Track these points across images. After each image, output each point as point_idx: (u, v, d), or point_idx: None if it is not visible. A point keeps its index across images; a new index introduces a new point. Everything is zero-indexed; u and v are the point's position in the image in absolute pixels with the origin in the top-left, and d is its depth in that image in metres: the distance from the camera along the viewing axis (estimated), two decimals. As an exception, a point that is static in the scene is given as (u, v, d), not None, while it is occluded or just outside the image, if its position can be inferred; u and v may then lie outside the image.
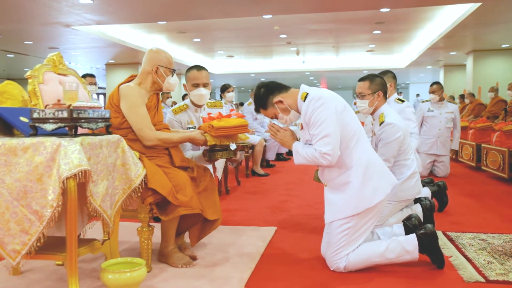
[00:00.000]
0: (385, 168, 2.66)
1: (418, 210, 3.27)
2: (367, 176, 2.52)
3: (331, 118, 2.46)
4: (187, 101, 3.54)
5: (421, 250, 2.58)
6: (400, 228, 2.78)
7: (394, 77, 4.37)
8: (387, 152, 3.14)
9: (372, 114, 3.32)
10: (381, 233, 2.77)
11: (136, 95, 2.71)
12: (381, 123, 3.16)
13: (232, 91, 6.69)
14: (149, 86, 2.82)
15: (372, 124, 3.41)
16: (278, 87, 2.68)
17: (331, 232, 2.59)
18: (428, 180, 4.28)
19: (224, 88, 6.68)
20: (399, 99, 4.31)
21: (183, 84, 3.54)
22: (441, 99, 6.11)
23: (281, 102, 2.64)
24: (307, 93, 2.57)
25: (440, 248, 2.60)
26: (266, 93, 2.68)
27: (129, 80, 2.87)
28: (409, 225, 2.77)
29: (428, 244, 2.57)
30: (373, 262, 2.57)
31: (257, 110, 2.77)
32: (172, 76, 2.85)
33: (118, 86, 2.77)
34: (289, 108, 2.64)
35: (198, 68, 3.41)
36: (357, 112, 3.76)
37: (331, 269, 2.59)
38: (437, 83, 6.21)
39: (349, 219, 2.53)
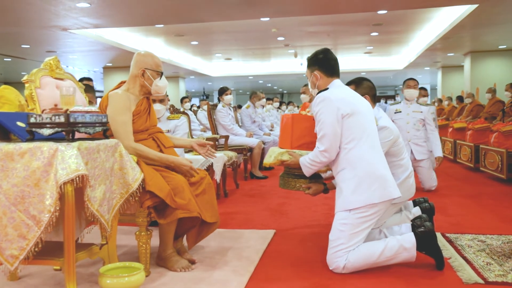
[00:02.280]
0: (381, 180, 2.62)
1: (417, 213, 3.26)
2: (355, 180, 2.61)
3: (329, 119, 2.63)
4: None
5: (420, 248, 2.60)
6: (408, 228, 2.79)
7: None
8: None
9: None
10: (389, 232, 2.80)
11: (119, 103, 2.67)
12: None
13: (230, 94, 6.69)
14: (137, 90, 2.80)
15: None
16: (327, 68, 2.83)
17: (331, 230, 2.67)
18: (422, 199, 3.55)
19: (222, 91, 6.65)
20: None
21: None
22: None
23: (316, 78, 2.84)
24: (326, 89, 2.76)
25: (439, 247, 2.61)
26: (317, 61, 2.85)
27: (119, 86, 2.87)
28: (416, 225, 2.77)
29: (426, 242, 2.59)
30: (373, 261, 2.58)
31: (307, 59, 2.93)
32: (160, 79, 2.81)
33: (108, 93, 2.77)
34: (316, 87, 2.86)
35: None
36: None
37: (331, 268, 2.61)
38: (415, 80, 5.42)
39: (345, 216, 2.61)
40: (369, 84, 3.32)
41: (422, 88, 6.54)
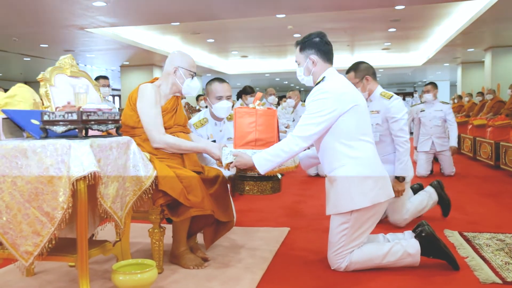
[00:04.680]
0: (384, 178, 2.58)
1: (431, 191, 3.64)
2: (359, 178, 2.49)
3: (325, 113, 2.45)
4: (206, 114, 3.52)
5: (426, 253, 2.55)
6: (412, 235, 2.71)
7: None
8: (404, 126, 3.36)
9: (367, 98, 3.54)
10: (392, 239, 2.72)
11: (151, 95, 2.71)
12: (390, 98, 3.42)
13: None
14: (168, 88, 2.82)
15: None
16: (325, 53, 2.64)
17: (331, 232, 2.59)
18: (417, 186, 3.94)
19: (247, 92, 6.54)
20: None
21: (203, 97, 3.52)
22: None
23: (313, 63, 2.63)
24: (323, 78, 2.58)
25: (444, 249, 2.55)
26: (314, 45, 2.63)
27: (152, 81, 2.89)
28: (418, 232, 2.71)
29: (429, 246, 2.54)
30: (375, 264, 2.54)
31: (297, 43, 2.71)
32: (192, 79, 2.83)
33: (139, 85, 2.80)
34: (311, 73, 2.65)
35: (220, 80, 3.40)
36: None
37: (332, 268, 2.58)
38: (431, 83, 6.23)
39: (346, 219, 2.50)
40: (365, 65, 3.47)
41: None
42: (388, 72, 19.50)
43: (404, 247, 2.55)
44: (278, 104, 8.94)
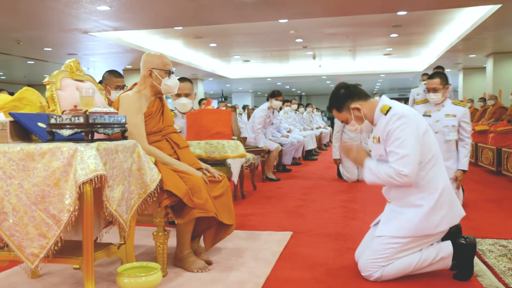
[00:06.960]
0: (456, 198, 2.54)
1: None
2: (439, 203, 2.43)
3: (412, 138, 2.39)
4: (175, 109, 4.10)
5: (454, 258, 2.48)
6: None
7: None
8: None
9: (439, 103, 4.08)
10: None
11: (130, 105, 2.69)
12: (465, 106, 4.00)
13: (281, 100, 6.96)
14: (148, 91, 2.81)
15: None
16: (359, 94, 2.59)
17: (379, 238, 2.49)
18: None
19: (274, 95, 6.81)
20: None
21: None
22: None
23: (358, 109, 2.56)
24: (390, 108, 2.48)
25: (473, 262, 2.49)
26: (346, 96, 2.58)
27: (132, 87, 2.89)
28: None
29: (464, 255, 2.47)
30: (407, 272, 2.48)
31: (329, 109, 2.69)
32: (169, 77, 2.80)
33: (120, 95, 2.80)
34: (364, 117, 2.57)
35: (182, 79, 3.75)
36: (419, 102, 4.34)
37: (362, 274, 2.51)
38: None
39: (405, 238, 2.43)
40: (446, 77, 4.02)
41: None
42: (390, 78, 19.53)
43: (436, 250, 2.46)
44: (280, 108, 8.95)
